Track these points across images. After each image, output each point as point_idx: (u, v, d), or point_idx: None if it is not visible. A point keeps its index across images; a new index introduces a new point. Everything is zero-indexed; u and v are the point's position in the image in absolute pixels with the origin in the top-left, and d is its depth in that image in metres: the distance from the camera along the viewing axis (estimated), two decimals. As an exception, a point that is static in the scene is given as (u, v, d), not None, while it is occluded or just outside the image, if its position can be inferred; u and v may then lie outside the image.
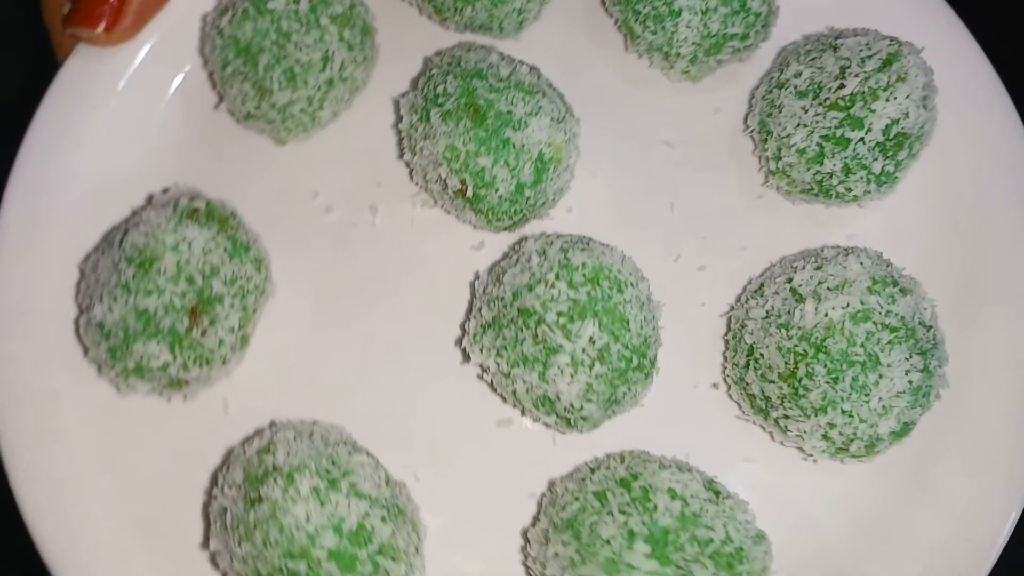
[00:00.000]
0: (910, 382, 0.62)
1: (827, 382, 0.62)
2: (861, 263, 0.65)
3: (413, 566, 0.62)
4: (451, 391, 0.71)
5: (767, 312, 0.66)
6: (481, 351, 0.66)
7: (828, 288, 0.64)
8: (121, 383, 0.67)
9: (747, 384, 0.66)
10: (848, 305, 0.62)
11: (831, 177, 0.71)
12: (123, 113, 0.76)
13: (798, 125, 0.71)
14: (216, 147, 0.78)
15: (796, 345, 0.63)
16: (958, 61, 0.77)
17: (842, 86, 0.69)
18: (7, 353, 0.70)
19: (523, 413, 0.69)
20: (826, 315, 0.63)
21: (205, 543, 0.65)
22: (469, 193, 0.69)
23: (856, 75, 0.69)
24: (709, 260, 0.76)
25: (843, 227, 0.75)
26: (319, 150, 0.78)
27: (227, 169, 0.77)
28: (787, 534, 0.67)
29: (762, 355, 0.65)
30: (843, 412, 0.62)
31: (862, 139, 0.69)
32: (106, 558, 0.66)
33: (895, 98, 0.68)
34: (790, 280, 0.66)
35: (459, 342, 0.71)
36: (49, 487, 0.68)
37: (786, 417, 0.65)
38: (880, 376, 0.62)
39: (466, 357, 0.68)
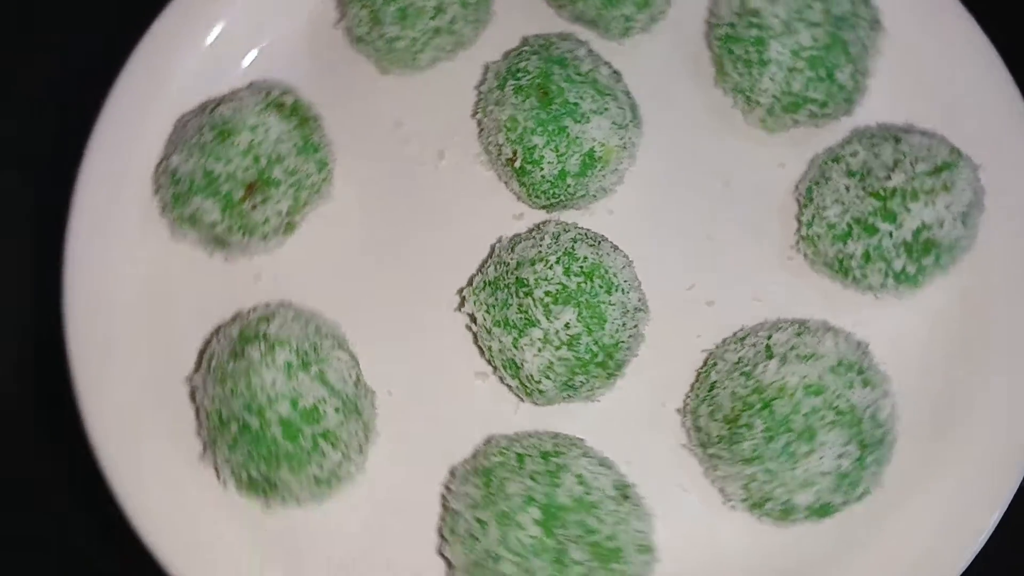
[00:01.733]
0: (838, 467, 0.65)
1: (761, 437, 0.66)
2: (836, 343, 0.67)
3: (350, 459, 0.70)
4: (444, 331, 0.78)
5: (739, 359, 0.70)
6: (475, 303, 0.72)
7: (797, 355, 0.67)
8: (176, 227, 0.77)
9: (697, 416, 0.70)
10: (806, 376, 0.65)
11: (851, 259, 0.73)
12: (244, 18, 0.85)
13: (836, 200, 0.73)
14: (326, 59, 0.86)
15: (748, 395, 0.67)
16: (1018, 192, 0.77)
17: (888, 177, 0.71)
18: (108, 175, 0.81)
19: (494, 371, 0.75)
20: (783, 378, 0.66)
21: (191, 378, 0.74)
22: (517, 164, 0.76)
23: (905, 171, 0.71)
24: (721, 299, 0.79)
25: (853, 311, 0.77)
26: (415, 89, 0.86)
27: (329, 81, 0.85)
28: (687, 565, 0.71)
29: (718, 394, 0.69)
30: (767, 470, 0.66)
31: (890, 233, 0.71)
32: (118, 362, 0.77)
33: (933, 204, 0.70)
34: (770, 337, 0.69)
35: (462, 290, 0.78)
36: (98, 300, 0.77)
37: (719, 456, 0.68)
38: (811, 451, 0.65)
39: (462, 303, 0.75)
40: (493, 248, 0.78)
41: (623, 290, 0.70)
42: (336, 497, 0.73)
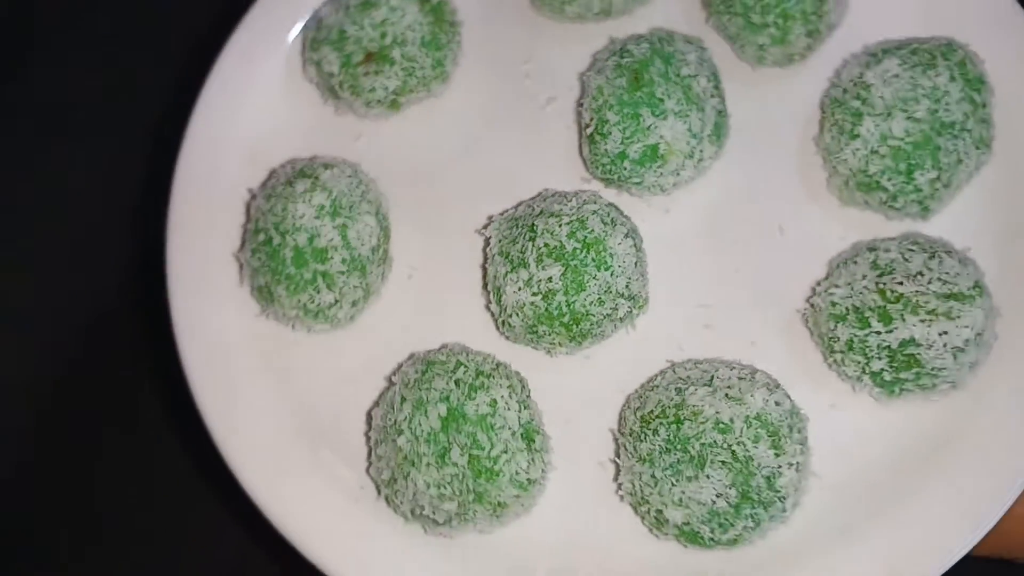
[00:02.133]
0: (714, 502, 0.69)
1: (660, 446, 0.70)
2: (766, 400, 0.70)
3: (342, 306, 0.81)
4: (469, 243, 0.86)
5: (686, 376, 0.74)
6: (494, 230, 0.81)
7: (727, 394, 0.70)
8: (305, 64, 0.90)
9: (627, 406, 0.76)
10: (719, 412, 0.69)
11: (836, 341, 0.75)
12: None
13: (848, 283, 0.75)
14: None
15: (668, 406, 0.71)
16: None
17: (901, 283, 0.72)
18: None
19: (484, 294, 0.83)
20: (703, 406, 0.70)
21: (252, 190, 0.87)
22: (589, 131, 0.82)
23: (919, 286, 0.71)
24: (720, 329, 0.82)
25: (829, 395, 0.79)
26: (554, 34, 0.92)
27: (484, 8, 0.94)
28: (555, 531, 0.77)
29: (649, 396, 0.74)
30: (652, 475, 0.71)
31: (878, 332, 0.72)
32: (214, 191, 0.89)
33: (929, 325, 0.70)
34: (717, 370, 0.73)
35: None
36: (219, 137, 0.89)
37: (623, 448, 0.74)
38: (695, 476, 0.69)
39: (486, 226, 0.83)
40: (539, 193, 0.85)
41: (613, 272, 0.76)
42: (322, 333, 0.84)
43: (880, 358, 0.72)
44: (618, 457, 0.77)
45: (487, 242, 0.82)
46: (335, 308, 0.81)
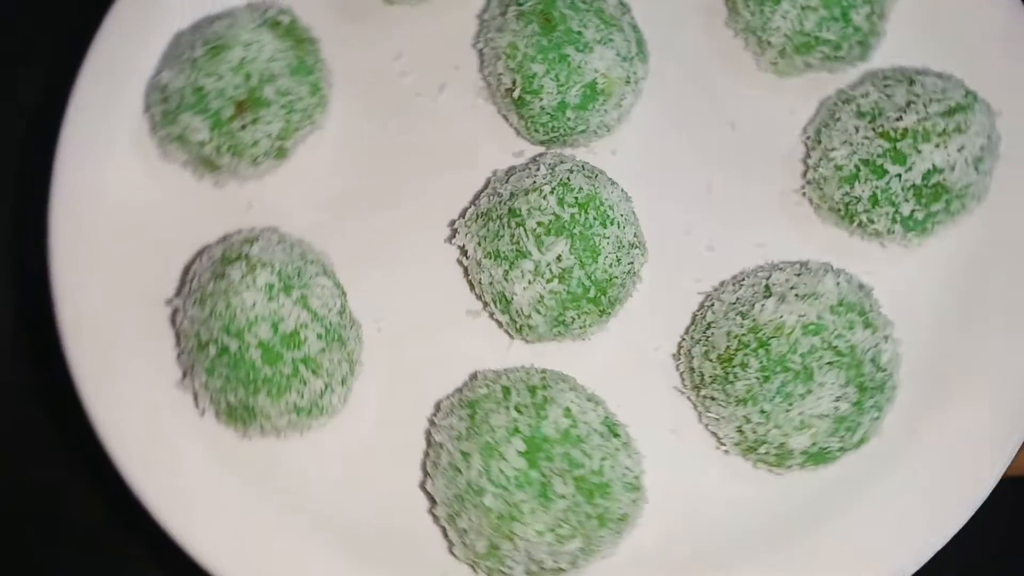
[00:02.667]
0: (836, 408, 0.63)
1: (756, 377, 0.63)
2: (837, 283, 0.65)
3: (333, 389, 0.68)
4: (436, 266, 0.76)
5: (737, 299, 0.68)
6: (466, 235, 0.70)
7: (796, 294, 0.64)
8: (165, 145, 0.75)
9: (692, 357, 0.68)
10: (804, 315, 0.63)
11: (857, 202, 0.70)
12: None
13: (845, 142, 0.70)
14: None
15: (743, 334, 0.64)
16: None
17: (900, 118, 0.68)
18: (102, 93, 0.78)
19: (484, 307, 0.73)
20: (781, 316, 0.64)
21: (171, 300, 0.72)
22: (516, 93, 0.73)
23: (917, 112, 0.68)
24: (721, 244, 0.77)
25: (859, 260, 0.75)
26: (417, 19, 0.83)
27: (331, 7, 0.83)
28: (675, 510, 0.69)
29: (712, 334, 0.67)
30: (761, 411, 0.63)
31: (899, 175, 0.68)
32: (100, 283, 0.74)
33: (945, 147, 0.67)
34: (768, 277, 0.67)
35: (455, 223, 0.75)
36: (84, 229, 0.75)
37: (712, 398, 0.66)
38: (808, 391, 0.62)
39: (453, 235, 0.72)
40: (488, 181, 0.76)
41: (619, 224, 0.68)
42: (317, 429, 0.71)
43: (908, 200, 0.69)
44: (702, 413, 0.69)
45: (462, 251, 0.72)
46: (327, 394, 0.68)
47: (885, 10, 0.76)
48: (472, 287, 0.73)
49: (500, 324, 0.72)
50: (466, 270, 0.73)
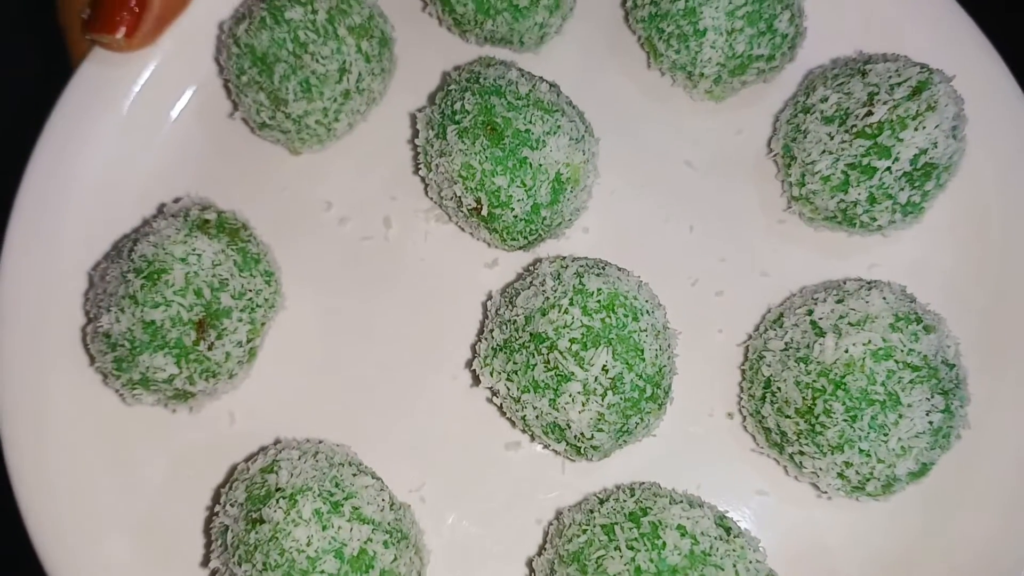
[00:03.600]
0: (931, 423, 0.61)
1: (845, 420, 0.60)
2: (884, 298, 0.63)
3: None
4: (460, 413, 0.70)
5: (786, 344, 0.65)
6: (491, 374, 0.65)
7: (849, 323, 0.62)
8: (127, 393, 0.66)
9: (763, 417, 0.65)
10: (869, 342, 0.61)
11: (856, 206, 0.69)
12: (137, 119, 0.76)
13: (823, 152, 0.69)
14: (230, 156, 0.77)
15: (815, 380, 0.62)
16: (989, 88, 0.75)
17: (870, 113, 0.67)
18: (12, 356, 0.69)
19: (532, 438, 0.68)
20: (846, 351, 0.61)
21: (205, 561, 0.64)
22: (484, 212, 0.68)
23: (885, 103, 0.67)
24: (727, 285, 0.74)
25: (865, 256, 0.74)
26: (334, 161, 0.77)
27: (240, 179, 0.76)
28: (798, 571, 0.66)
29: (779, 388, 0.63)
30: (860, 451, 0.61)
31: (889, 168, 0.67)
32: (107, 569, 0.66)
33: (924, 128, 0.66)
34: (810, 312, 0.64)
35: (470, 363, 0.70)
36: (52, 494, 0.68)
37: (801, 453, 0.63)
38: (900, 416, 0.60)
39: (476, 380, 0.67)
40: (486, 308, 0.71)
41: (648, 311, 0.64)
42: None
43: (903, 188, 0.68)
44: (793, 469, 0.66)
45: (491, 391, 0.66)
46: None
47: (802, 7, 0.75)
48: (512, 424, 0.68)
49: (556, 452, 0.67)
50: (501, 408, 0.67)
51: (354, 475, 0.62)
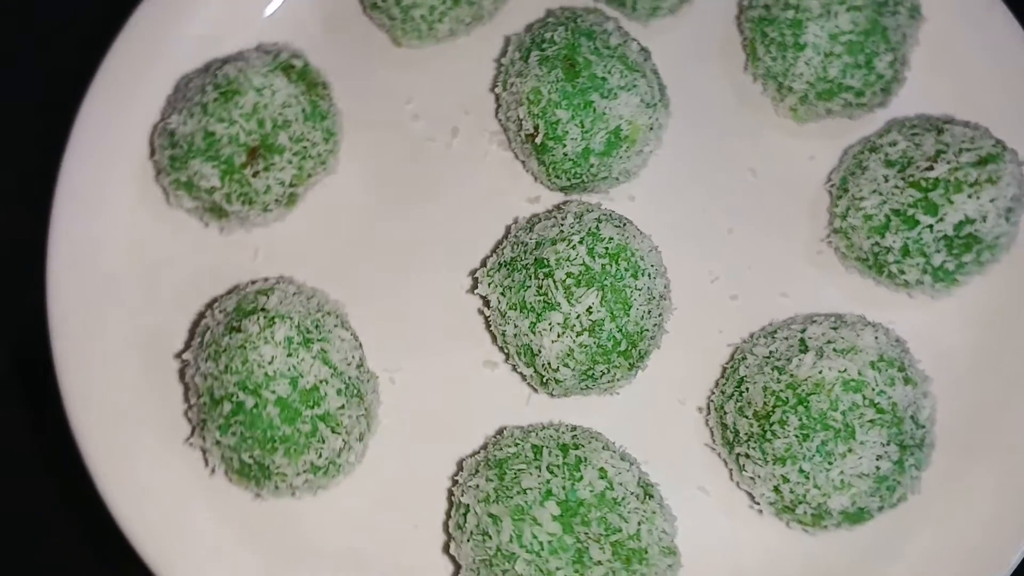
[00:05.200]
0: (878, 468, 0.61)
1: (796, 435, 0.61)
2: (876, 338, 0.63)
3: (351, 448, 0.65)
4: (453, 315, 0.74)
5: (770, 352, 0.66)
6: (489, 285, 0.68)
7: (834, 348, 0.63)
8: (171, 192, 0.72)
9: (724, 413, 0.66)
10: (845, 370, 0.61)
11: (888, 252, 0.69)
12: None
13: (874, 191, 0.69)
14: (338, 26, 0.82)
15: (781, 390, 0.63)
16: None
17: (931, 168, 0.67)
18: (102, 136, 0.75)
19: (507, 359, 0.71)
20: (820, 372, 0.62)
21: (181, 353, 0.69)
22: (538, 140, 0.71)
23: (948, 162, 0.67)
24: (744, 293, 0.75)
25: (884, 311, 0.73)
26: (428, 61, 0.82)
27: (340, 49, 0.81)
28: (710, 574, 0.67)
29: (747, 389, 0.65)
30: (800, 471, 0.61)
31: (930, 227, 0.67)
32: (102, 337, 0.71)
33: (978, 198, 0.66)
34: (804, 331, 0.65)
35: (475, 272, 0.73)
36: (84, 278, 0.72)
37: (747, 456, 0.64)
38: (850, 450, 0.60)
39: (474, 285, 0.70)
40: (508, 229, 0.74)
41: (650, 275, 0.66)
42: (332, 488, 0.68)
43: (939, 251, 0.67)
44: (733, 471, 0.67)
45: (484, 301, 0.69)
46: (345, 452, 0.65)
47: (907, 57, 0.75)
48: (494, 339, 0.71)
49: (523, 377, 0.70)
50: (487, 321, 0.70)
51: (335, 326, 0.66)
